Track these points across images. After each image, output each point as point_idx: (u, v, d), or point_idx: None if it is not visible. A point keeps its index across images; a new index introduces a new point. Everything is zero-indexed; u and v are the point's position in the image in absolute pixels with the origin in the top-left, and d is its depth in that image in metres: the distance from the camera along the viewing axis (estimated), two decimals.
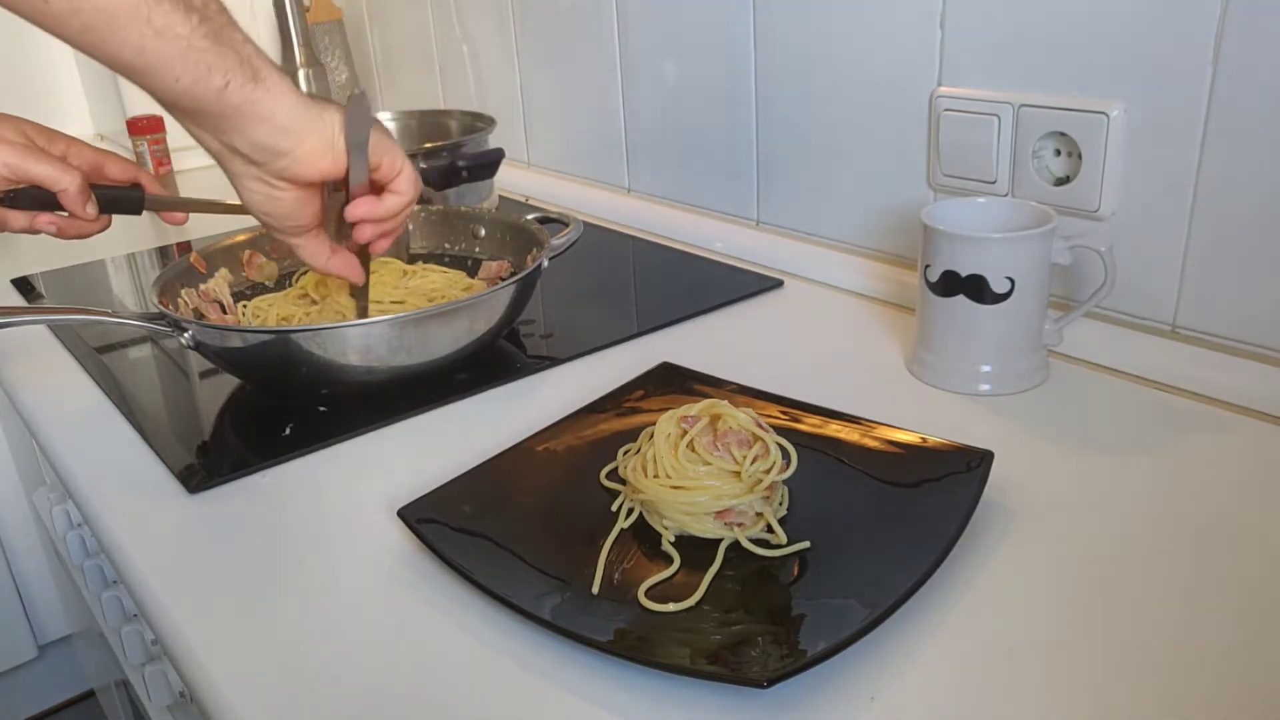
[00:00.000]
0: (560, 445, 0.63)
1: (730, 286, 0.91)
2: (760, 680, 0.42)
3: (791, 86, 0.92)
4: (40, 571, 1.44)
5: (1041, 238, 0.66)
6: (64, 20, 0.50)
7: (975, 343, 0.68)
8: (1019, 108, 0.74)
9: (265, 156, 0.58)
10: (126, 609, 0.89)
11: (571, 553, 0.53)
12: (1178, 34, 0.64)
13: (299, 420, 0.70)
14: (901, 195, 0.85)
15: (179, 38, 0.52)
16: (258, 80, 0.55)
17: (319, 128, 0.58)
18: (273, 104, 0.56)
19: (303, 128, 0.57)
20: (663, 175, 1.11)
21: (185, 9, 0.52)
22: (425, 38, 1.46)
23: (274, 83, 0.56)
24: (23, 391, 0.79)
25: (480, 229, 0.92)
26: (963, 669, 0.45)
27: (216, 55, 0.53)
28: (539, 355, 0.81)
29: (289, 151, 0.58)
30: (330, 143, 0.59)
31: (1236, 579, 0.50)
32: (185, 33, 0.52)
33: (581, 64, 1.17)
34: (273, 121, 0.56)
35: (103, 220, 0.69)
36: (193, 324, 0.70)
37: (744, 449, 0.53)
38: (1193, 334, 0.69)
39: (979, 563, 0.52)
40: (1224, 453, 0.61)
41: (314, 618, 0.51)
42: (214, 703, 0.47)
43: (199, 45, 0.52)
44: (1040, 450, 0.62)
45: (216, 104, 0.55)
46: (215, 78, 0.53)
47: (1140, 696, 0.43)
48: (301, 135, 0.58)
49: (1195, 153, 0.66)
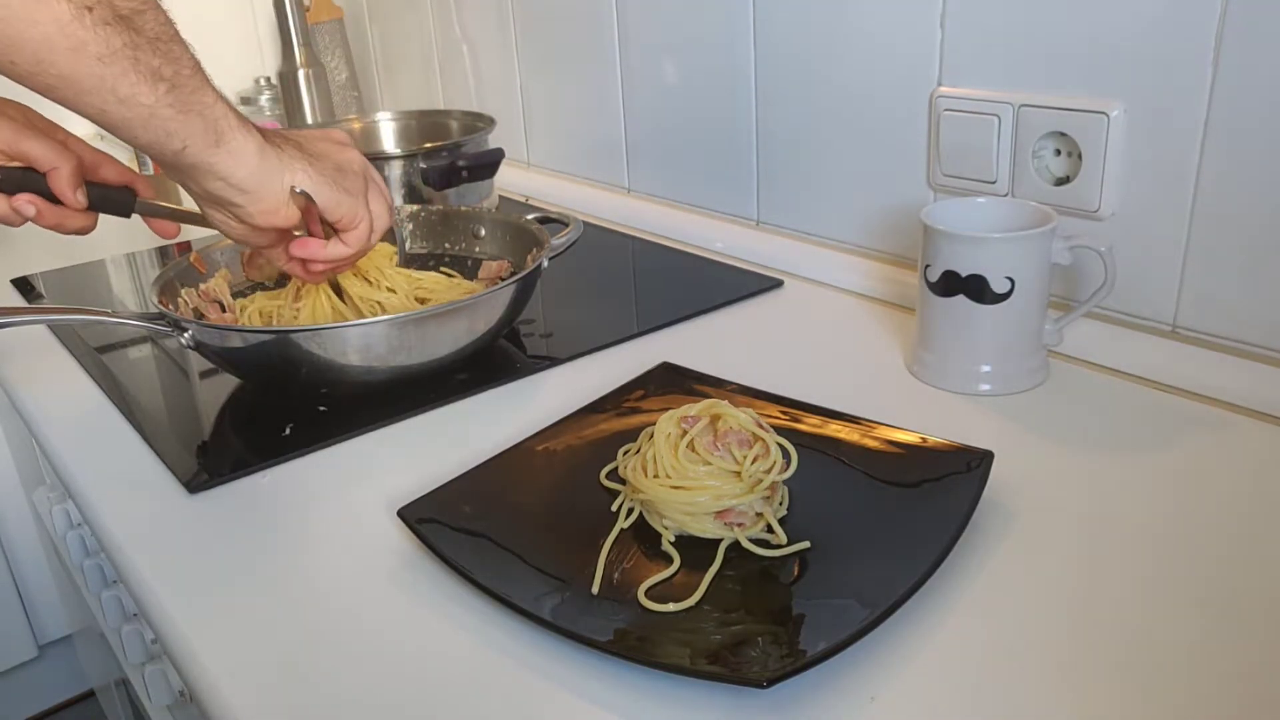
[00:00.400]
0: (560, 445, 0.63)
1: (730, 286, 0.91)
2: (760, 680, 0.42)
3: (791, 86, 0.92)
4: (40, 571, 1.44)
5: (1041, 238, 0.66)
6: (29, 77, 0.51)
7: (975, 343, 0.68)
8: (1019, 108, 0.74)
9: (221, 203, 0.61)
10: (126, 609, 0.89)
11: (571, 553, 0.53)
12: (1178, 34, 0.64)
13: (299, 420, 0.70)
14: (901, 195, 0.85)
15: (143, 106, 0.53)
16: (219, 144, 0.57)
17: (274, 190, 0.61)
18: (230, 166, 0.58)
19: (258, 189, 0.60)
20: (663, 175, 1.11)
21: (153, 80, 0.53)
22: (425, 38, 1.46)
23: (237, 145, 0.58)
24: (23, 391, 0.79)
25: (480, 229, 0.92)
26: (963, 669, 0.45)
27: (179, 123, 0.55)
28: (539, 355, 0.81)
29: (244, 205, 0.61)
30: (283, 202, 0.62)
31: (1236, 579, 0.50)
32: (150, 102, 0.53)
33: (581, 64, 1.17)
34: (229, 181, 0.59)
35: (88, 218, 0.67)
36: (193, 324, 0.70)
37: (744, 449, 0.53)
38: (1193, 334, 0.69)
39: (979, 563, 0.52)
40: (1224, 453, 0.61)
41: (314, 617, 0.51)
42: (214, 703, 0.47)
43: (162, 114, 0.54)
44: (1040, 450, 0.62)
45: (174, 162, 0.58)
46: (174, 142, 0.56)
47: (1140, 696, 0.43)
48: (256, 195, 0.60)
49: (1195, 153, 0.66)
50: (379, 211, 0.68)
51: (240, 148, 0.58)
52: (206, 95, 0.56)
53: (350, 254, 0.67)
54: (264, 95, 1.57)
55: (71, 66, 0.50)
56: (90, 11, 0.50)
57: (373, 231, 0.68)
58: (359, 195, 0.66)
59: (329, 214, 0.64)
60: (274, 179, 0.61)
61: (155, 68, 0.53)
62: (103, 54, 0.51)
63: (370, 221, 0.67)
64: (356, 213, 0.65)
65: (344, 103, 1.57)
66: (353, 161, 0.67)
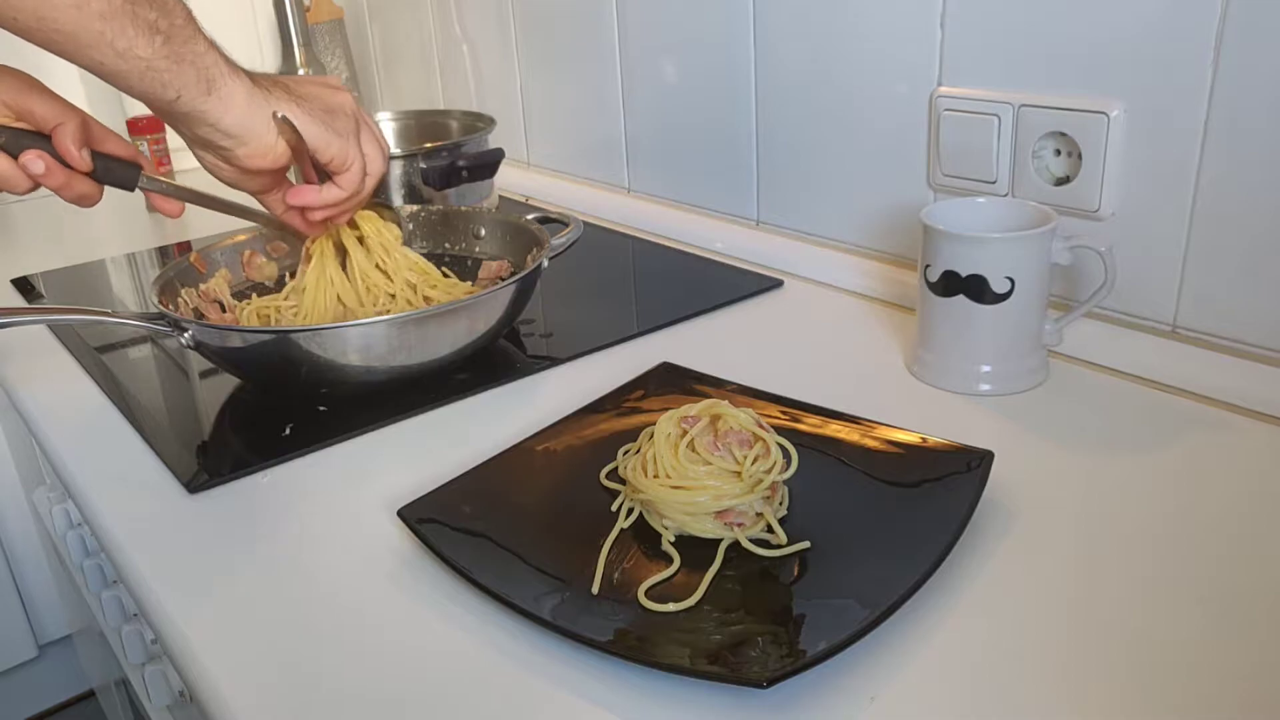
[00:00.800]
0: (560, 445, 0.63)
1: (730, 286, 0.91)
2: (760, 680, 0.42)
3: (791, 87, 0.92)
4: (40, 571, 1.44)
5: (1041, 238, 0.66)
6: (28, 32, 0.52)
7: (975, 343, 0.68)
8: (1019, 108, 0.74)
9: (210, 147, 0.63)
10: (126, 609, 0.89)
11: (571, 553, 0.53)
12: (1178, 34, 0.64)
13: (299, 420, 0.70)
14: (901, 195, 0.85)
15: (139, 59, 0.55)
16: (211, 91, 0.59)
17: (261, 132, 0.62)
18: (220, 111, 0.60)
19: (245, 132, 0.62)
20: (663, 175, 1.11)
21: (150, 32, 0.55)
22: (425, 37, 1.46)
23: (227, 92, 0.60)
24: (23, 391, 0.79)
25: (480, 229, 0.92)
26: (963, 669, 0.45)
27: (173, 74, 0.57)
28: (539, 355, 0.81)
29: (231, 149, 0.62)
30: (271, 144, 0.63)
31: (1236, 578, 0.50)
32: (146, 55, 0.55)
33: (581, 64, 1.17)
34: (218, 126, 0.61)
35: (93, 185, 0.66)
36: (193, 324, 0.70)
37: (745, 449, 0.53)
38: (1193, 334, 0.69)
39: (979, 563, 0.52)
40: (1224, 453, 0.61)
41: (314, 617, 0.51)
42: (214, 703, 0.47)
43: (158, 65, 0.56)
44: (1040, 450, 0.62)
45: (167, 110, 0.59)
46: (168, 92, 0.58)
47: (1140, 696, 0.43)
48: (243, 139, 0.62)
49: (1195, 153, 0.66)
50: (372, 154, 0.68)
51: (230, 93, 0.60)
52: (199, 44, 0.58)
53: (345, 197, 0.68)
54: None
55: (74, 23, 0.52)
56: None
57: (366, 174, 0.68)
58: (349, 136, 0.66)
59: (319, 154, 0.65)
60: (261, 121, 0.62)
61: (152, 20, 0.54)
62: (104, 11, 0.52)
63: (363, 163, 0.67)
64: (347, 153, 0.66)
65: None
66: (344, 104, 0.67)
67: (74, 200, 0.67)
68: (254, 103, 0.61)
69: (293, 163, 0.66)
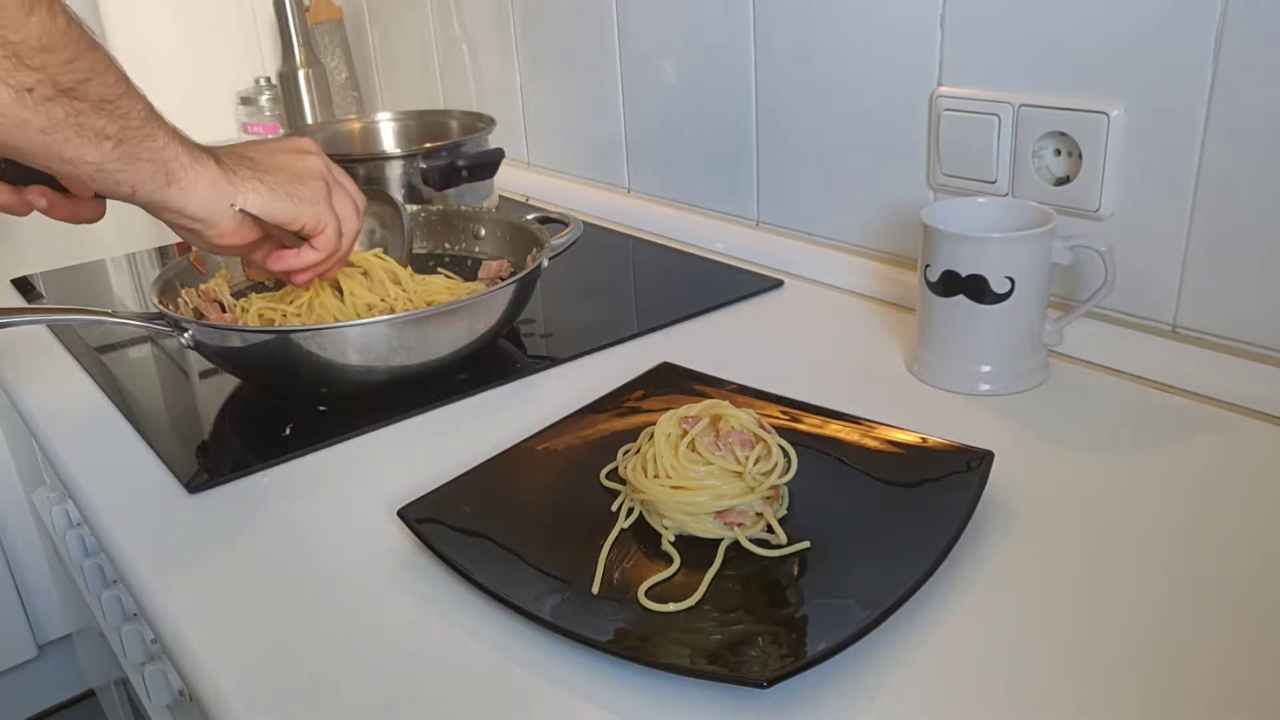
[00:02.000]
0: (560, 445, 0.63)
1: (730, 286, 0.91)
2: (760, 680, 0.42)
3: (791, 87, 0.92)
4: (40, 571, 1.44)
5: (1041, 238, 0.66)
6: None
7: (975, 343, 0.68)
8: (1019, 108, 0.74)
9: (179, 228, 0.63)
10: (126, 608, 0.89)
11: (571, 553, 0.53)
12: (1178, 34, 0.64)
13: (299, 420, 0.70)
14: (901, 195, 0.85)
15: (89, 164, 0.55)
16: (170, 183, 0.59)
17: (226, 215, 0.62)
18: (184, 200, 0.60)
19: (209, 217, 0.62)
20: (663, 175, 1.11)
21: (97, 139, 0.54)
22: (425, 38, 1.46)
23: (189, 181, 0.60)
24: (23, 391, 0.79)
25: (480, 229, 0.92)
26: (963, 669, 0.45)
27: (127, 173, 0.57)
28: (539, 355, 0.81)
29: (200, 231, 0.62)
30: (238, 226, 0.63)
31: (1237, 578, 0.50)
32: (96, 160, 0.55)
33: (581, 64, 1.17)
34: (183, 213, 0.61)
35: (98, 205, 0.67)
36: (193, 324, 0.70)
37: (747, 449, 0.53)
38: (1193, 334, 0.69)
39: (979, 563, 0.52)
40: (1224, 452, 0.61)
41: (314, 617, 0.51)
42: (214, 703, 0.47)
43: (109, 168, 0.56)
44: (1040, 450, 0.62)
45: (127, 200, 0.59)
46: (122, 189, 0.58)
47: (1141, 696, 0.43)
48: (209, 223, 0.62)
49: (1195, 153, 0.66)
50: (345, 214, 0.68)
51: (192, 183, 0.60)
52: (157, 139, 0.57)
53: (323, 258, 0.68)
54: (264, 95, 1.57)
55: (16, 140, 0.52)
56: (30, 92, 0.51)
57: (342, 234, 0.68)
58: (320, 201, 0.66)
59: (290, 225, 0.65)
60: (225, 206, 0.62)
61: (100, 128, 0.54)
62: (45, 127, 0.52)
63: (337, 224, 0.67)
64: (319, 219, 0.66)
65: (344, 103, 1.57)
66: (311, 169, 0.67)
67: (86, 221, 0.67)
68: (217, 189, 0.61)
69: (267, 238, 0.66)
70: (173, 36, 1.54)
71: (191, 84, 1.54)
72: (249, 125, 1.57)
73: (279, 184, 0.64)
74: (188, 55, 1.55)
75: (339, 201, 0.68)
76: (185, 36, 1.55)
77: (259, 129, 1.56)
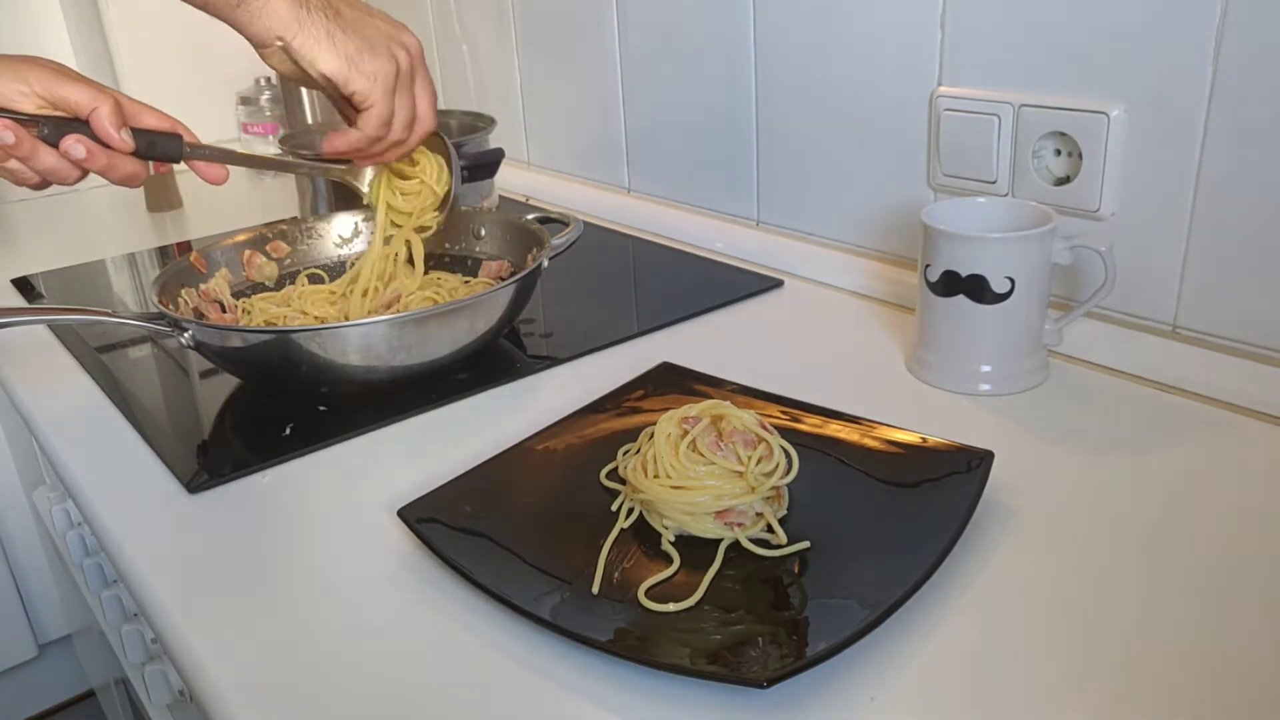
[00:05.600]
0: (560, 445, 0.63)
1: (730, 286, 0.91)
2: (760, 680, 0.42)
3: (791, 87, 0.92)
4: (40, 571, 1.44)
5: (1041, 238, 0.66)
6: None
7: (975, 343, 0.68)
8: (1019, 108, 0.74)
9: (260, 47, 0.66)
10: (126, 608, 0.89)
11: (571, 553, 0.53)
12: (1178, 34, 0.64)
13: (299, 420, 0.70)
14: (901, 195, 0.85)
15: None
16: (240, 4, 0.64)
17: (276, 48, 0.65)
18: (246, 21, 0.65)
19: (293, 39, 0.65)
20: (663, 175, 1.11)
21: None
22: (425, 38, 1.46)
23: (256, 5, 0.64)
24: (23, 391, 0.79)
25: (480, 229, 0.92)
26: (963, 669, 0.45)
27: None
28: (539, 355, 0.81)
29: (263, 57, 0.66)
30: (283, 61, 0.66)
31: (1236, 578, 0.50)
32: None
33: (581, 64, 1.17)
34: (244, 35, 0.65)
35: (137, 164, 0.66)
36: (193, 324, 0.70)
37: (750, 450, 0.53)
38: (1193, 334, 0.69)
39: (979, 563, 0.52)
40: (1224, 452, 0.61)
41: (314, 617, 0.51)
42: (214, 703, 0.47)
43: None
44: (1040, 450, 0.62)
45: (203, 9, 0.65)
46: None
47: (1140, 695, 0.43)
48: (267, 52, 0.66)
49: (1195, 153, 0.66)
50: (417, 108, 0.69)
51: (259, 9, 0.64)
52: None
53: (367, 140, 0.68)
54: (264, 95, 1.57)
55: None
56: None
57: (391, 123, 0.68)
58: (377, 80, 0.66)
59: (342, 87, 0.66)
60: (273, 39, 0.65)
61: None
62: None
63: (389, 113, 0.67)
64: (369, 95, 0.66)
65: None
66: (390, 50, 0.67)
67: (122, 181, 0.66)
68: (279, 21, 0.64)
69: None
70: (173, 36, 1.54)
71: (191, 84, 1.54)
72: (248, 125, 1.57)
73: (344, 44, 0.65)
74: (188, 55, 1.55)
75: (406, 94, 0.68)
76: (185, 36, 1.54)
77: (259, 129, 1.56)
